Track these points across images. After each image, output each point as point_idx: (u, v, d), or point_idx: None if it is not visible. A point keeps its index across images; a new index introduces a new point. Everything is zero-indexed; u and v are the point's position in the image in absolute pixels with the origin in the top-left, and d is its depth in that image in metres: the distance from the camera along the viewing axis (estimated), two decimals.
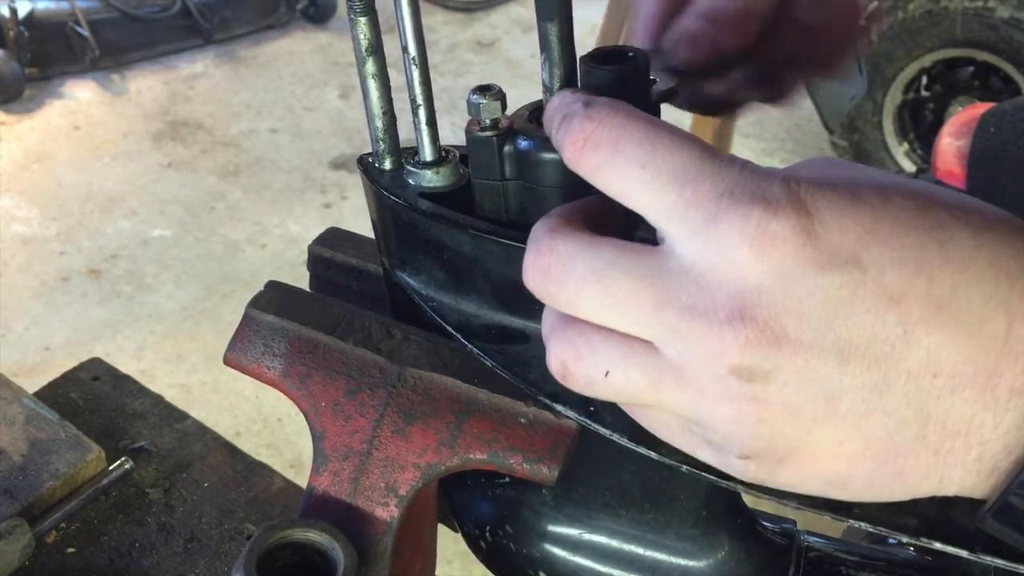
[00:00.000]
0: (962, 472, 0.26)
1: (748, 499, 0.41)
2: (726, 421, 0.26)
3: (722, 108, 0.43)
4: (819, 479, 0.27)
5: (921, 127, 2.48)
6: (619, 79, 0.31)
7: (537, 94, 0.34)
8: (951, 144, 1.09)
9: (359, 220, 2.44)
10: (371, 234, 0.42)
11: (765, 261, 0.25)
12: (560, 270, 0.27)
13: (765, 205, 0.25)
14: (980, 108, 0.96)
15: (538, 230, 0.29)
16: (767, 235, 0.25)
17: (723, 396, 0.26)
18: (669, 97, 0.38)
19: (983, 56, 2.27)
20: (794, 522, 0.43)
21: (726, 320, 0.25)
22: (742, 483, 0.29)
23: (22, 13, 2.85)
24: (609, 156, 0.27)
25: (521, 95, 0.34)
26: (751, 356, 0.25)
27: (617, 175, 0.27)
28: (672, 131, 0.27)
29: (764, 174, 0.26)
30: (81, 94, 2.98)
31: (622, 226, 0.30)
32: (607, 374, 0.27)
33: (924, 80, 2.42)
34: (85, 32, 2.92)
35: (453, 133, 0.33)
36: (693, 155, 0.26)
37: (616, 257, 0.27)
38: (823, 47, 0.44)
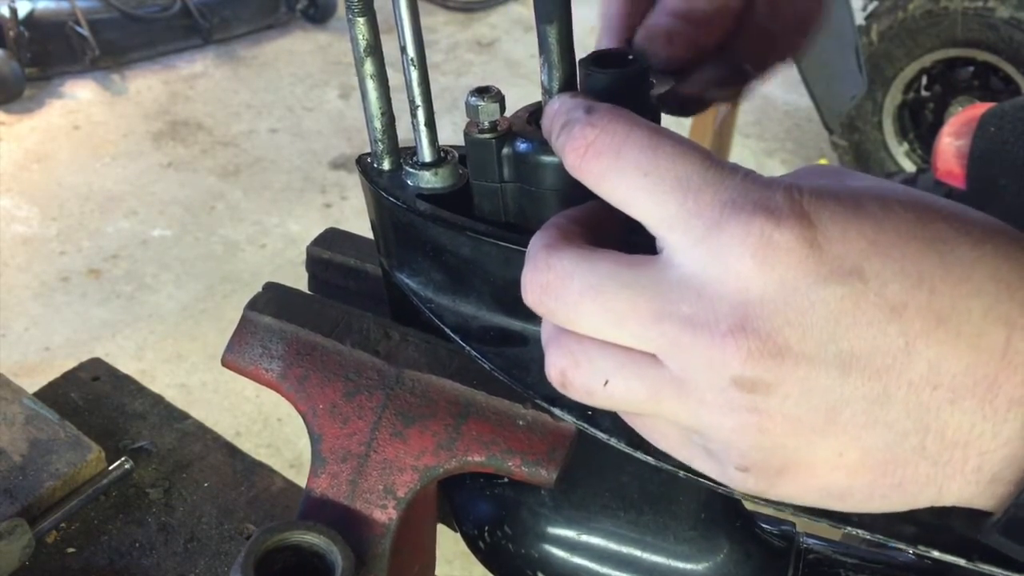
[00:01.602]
0: (961, 482, 0.26)
1: (747, 502, 0.41)
2: (727, 431, 0.26)
3: (693, 108, 0.43)
4: (818, 491, 0.27)
5: (921, 127, 2.48)
6: (619, 83, 0.31)
7: (538, 94, 0.34)
8: (951, 144, 1.09)
9: (359, 220, 2.44)
10: (371, 235, 0.42)
11: (768, 272, 0.25)
12: (558, 286, 0.27)
13: (768, 215, 0.25)
14: (980, 108, 0.96)
15: (535, 245, 0.29)
16: (770, 245, 0.25)
17: (724, 407, 0.26)
18: (666, 100, 0.38)
19: (983, 56, 2.27)
20: (793, 524, 0.43)
21: (728, 332, 0.25)
22: (727, 488, 0.29)
23: (22, 13, 2.85)
24: (611, 163, 0.27)
25: (522, 95, 0.33)
26: (753, 368, 0.25)
27: (619, 183, 0.27)
28: (675, 139, 0.27)
29: (766, 183, 0.26)
30: (81, 94, 2.98)
31: (620, 231, 0.30)
32: (606, 383, 0.27)
33: (924, 80, 2.42)
34: (85, 32, 2.92)
35: (454, 132, 0.33)
36: (696, 163, 0.26)
37: (613, 271, 0.27)
38: (775, 53, 0.43)
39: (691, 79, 0.40)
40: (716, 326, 0.25)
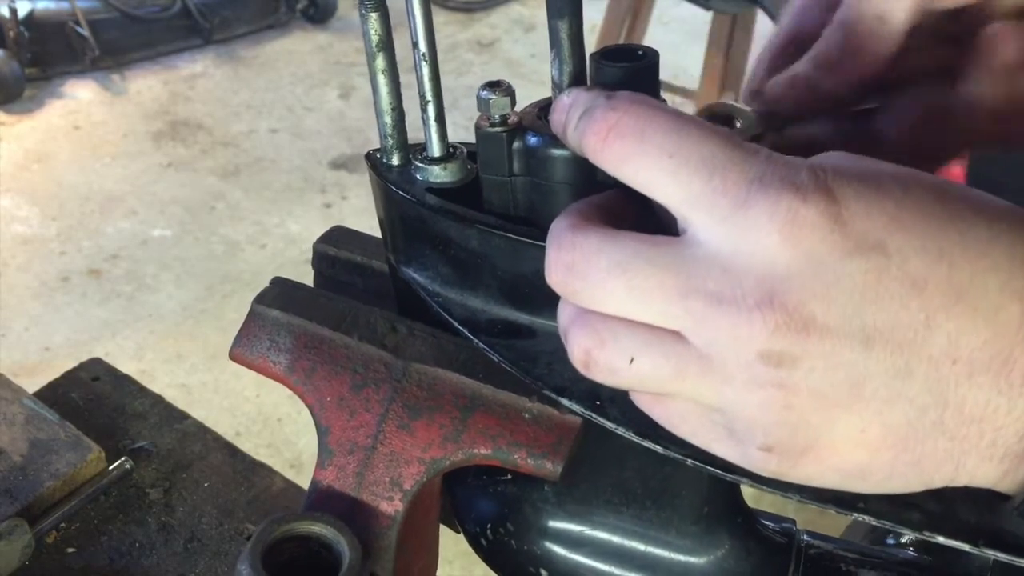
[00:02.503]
0: (976, 458, 0.26)
1: (749, 498, 0.41)
2: (752, 408, 0.26)
3: None
4: (839, 471, 0.27)
5: None
6: (630, 77, 0.31)
7: (538, 94, 0.35)
8: None
9: (359, 220, 2.44)
10: (372, 233, 0.43)
11: (794, 246, 0.25)
12: (584, 265, 0.27)
13: (795, 191, 0.25)
14: None
15: (558, 226, 0.29)
16: (796, 221, 0.25)
17: (750, 383, 0.26)
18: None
19: None
20: (794, 521, 0.43)
21: (755, 306, 0.25)
22: (749, 477, 0.29)
23: (22, 13, 2.85)
24: (635, 145, 0.27)
25: (523, 95, 0.34)
26: (780, 341, 0.25)
27: (643, 165, 0.27)
28: (697, 121, 0.27)
29: (790, 162, 0.26)
30: (81, 94, 2.98)
31: (638, 220, 0.30)
32: (632, 361, 0.27)
33: None
34: (85, 32, 2.92)
35: (454, 132, 0.34)
36: (720, 144, 0.26)
37: (639, 249, 0.27)
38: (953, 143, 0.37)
39: (787, 130, 0.37)
40: (743, 301, 0.25)
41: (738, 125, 0.36)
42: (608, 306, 0.27)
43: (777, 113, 0.38)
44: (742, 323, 0.25)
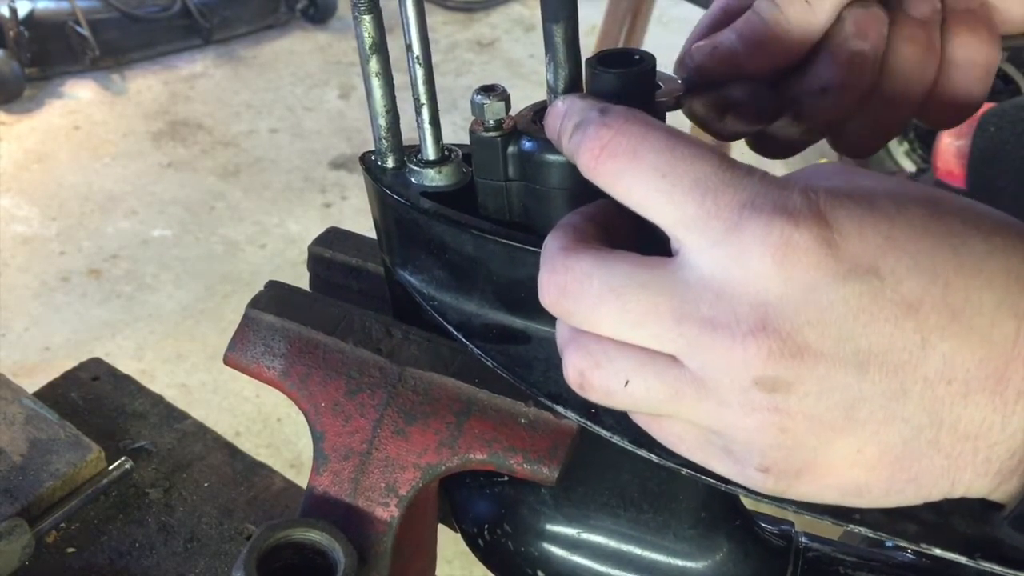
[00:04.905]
0: (971, 475, 0.26)
1: (747, 501, 0.41)
2: (748, 431, 0.26)
3: (722, 134, 0.39)
4: (836, 489, 0.27)
5: (921, 127, 2.48)
6: (625, 83, 0.31)
7: (538, 94, 0.34)
8: (951, 144, 1.10)
9: (359, 220, 2.44)
10: (371, 234, 0.42)
11: (787, 272, 0.25)
12: (576, 288, 0.27)
13: (787, 216, 0.25)
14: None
15: (551, 247, 0.29)
16: (789, 246, 0.25)
17: (746, 407, 0.26)
18: (674, 107, 0.37)
19: None
20: (792, 524, 0.43)
21: (749, 332, 0.25)
22: (743, 488, 0.29)
23: (22, 13, 2.85)
24: (628, 165, 0.27)
25: (522, 95, 0.34)
26: (774, 367, 0.25)
27: (636, 184, 0.27)
28: (690, 140, 0.27)
29: (783, 185, 0.26)
30: (81, 94, 2.98)
31: (633, 229, 0.30)
32: (627, 384, 0.27)
33: None
34: (85, 32, 2.92)
35: (453, 133, 0.33)
36: (713, 164, 0.26)
37: (632, 272, 0.27)
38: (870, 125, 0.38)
39: (704, 94, 0.38)
40: (736, 327, 0.25)
41: (661, 87, 0.35)
42: (602, 328, 0.27)
43: (698, 79, 0.38)
44: (736, 349, 0.25)
